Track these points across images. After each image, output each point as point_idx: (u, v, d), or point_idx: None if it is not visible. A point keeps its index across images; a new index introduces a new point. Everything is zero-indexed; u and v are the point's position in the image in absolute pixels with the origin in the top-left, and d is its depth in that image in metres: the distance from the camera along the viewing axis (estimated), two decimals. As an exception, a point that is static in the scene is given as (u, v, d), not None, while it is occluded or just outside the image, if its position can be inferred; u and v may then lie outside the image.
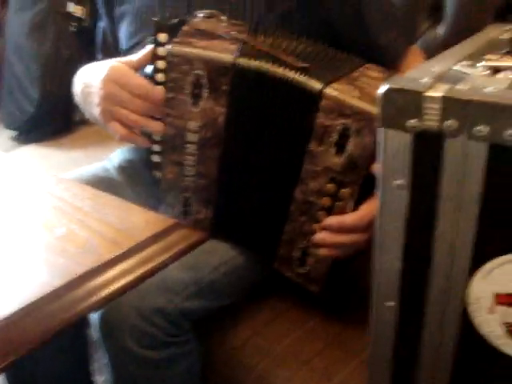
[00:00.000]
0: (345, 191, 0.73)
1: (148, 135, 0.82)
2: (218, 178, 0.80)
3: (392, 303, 0.57)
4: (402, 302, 0.56)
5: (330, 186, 0.74)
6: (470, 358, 0.55)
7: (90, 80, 0.83)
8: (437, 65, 0.56)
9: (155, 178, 1.02)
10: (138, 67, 0.79)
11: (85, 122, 1.74)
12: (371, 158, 0.69)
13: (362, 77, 0.74)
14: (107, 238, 0.61)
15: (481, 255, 0.50)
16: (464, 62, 0.55)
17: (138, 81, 0.78)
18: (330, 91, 0.70)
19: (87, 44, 1.68)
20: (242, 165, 0.79)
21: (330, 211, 0.75)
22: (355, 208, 0.74)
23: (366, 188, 0.72)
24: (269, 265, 0.83)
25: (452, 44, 0.70)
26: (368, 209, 0.72)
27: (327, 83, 0.71)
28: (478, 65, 0.53)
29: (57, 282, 0.54)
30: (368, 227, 0.71)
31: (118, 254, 0.58)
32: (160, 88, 0.76)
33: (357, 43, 0.89)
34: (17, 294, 0.53)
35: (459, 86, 0.48)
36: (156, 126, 0.79)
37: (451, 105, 0.46)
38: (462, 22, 1.03)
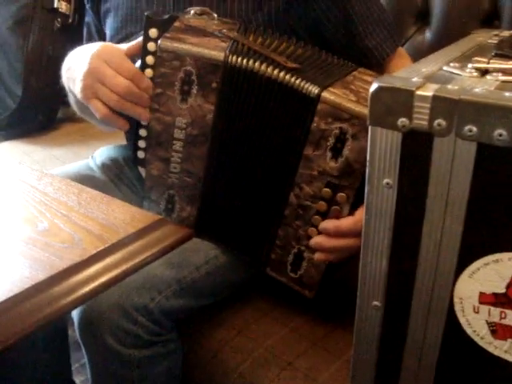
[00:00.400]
0: (341, 195, 0.73)
1: (134, 131, 0.81)
2: (204, 177, 0.79)
3: (378, 303, 0.57)
4: (388, 301, 0.56)
5: (326, 191, 0.73)
6: (455, 357, 0.55)
7: (78, 57, 0.80)
8: (426, 66, 0.56)
9: (139, 177, 1.01)
10: (128, 56, 0.78)
11: (68, 118, 1.73)
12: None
13: (356, 81, 0.74)
14: (91, 233, 0.60)
15: (467, 254, 0.50)
16: (453, 64, 0.55)
17: (128, 64, 0.76)
18: (328, 95, 0.70)
19: (71, 41, 1.66)
20: (229, 165, 0.79)
21: (325, 215, 0.75)
22: (351, 212, 0.73)
23: (361, 192, 0.72)
24: (259, 269, 0.83)
25: (439, 49, 0.71)
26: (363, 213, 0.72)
27: (324, 87, 0.70)
28: (467, 66, 0.53)
29: (39, 276, 0.53)
30: None
31: (102, 249, 0.57)
32: (148, 79, 0.75)
33: (344, 45, 0.89)
34: (-2, 287, 0.52)
35: (449, 86, 0.48)
36: (140, 112, 0.77)
37: (441, 104, 0.46)
38: (450, 27, 1.04)
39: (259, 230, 0.81)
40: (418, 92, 0.47)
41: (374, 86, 0.49)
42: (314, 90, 0.70)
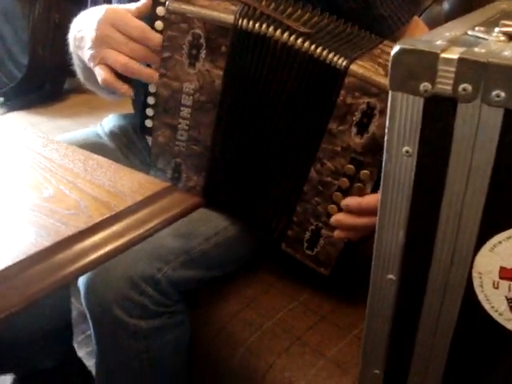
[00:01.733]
0: (365, 173, 0.70)
1: (142, 99, 0.79)
2: (211, 146, 0.77)
3: (392, 276, 0.55)
4: (403, 275, 0.54)
5: (349, 167, 0.71)
6: (471, 334, 0.53)
7: (84, 23, 0.78)
8: (449, 30, 0.54)
9: (148, 147, 0.99)
10: (136, 15, 0.75)
11: (75, 89, 1.70)
12: None
13: (383, 54, 0.71)
14: (98, 200, 0.58)
15: (489, 227, 0.48)
16: (478, 28, 0.52)
17: (136, 23, 0.74)
18: (356, 68, 0.67)
19: (78, 10, 1.64)
20: (238, 135, 0.77)
21: (346, 193, 0.72)
22: (374, 190, 0.71)
23: None
24: (274, 245, 0.81)
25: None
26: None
27: (352, 60, 0.67)
28: (494, 30, 0.51)
29: (44, 242, 0.51)
30: None
31: (108, 216, 0.55)
32: (158, 35, 0.73)
33: (357, 12, 0.86)
34: (2, 254, 0.50)
35: (476, 49, 0.45)
36: (149, 73, 0.75)
37: (467, 67, 0.44)
38: (468, -3, 1.01)
39: (275, 204, 0.78)
40: (443, 55, 0.44)
41: (395, 49, 0.46)
42: (341, 62, 0.68)
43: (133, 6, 0.76)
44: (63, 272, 0.51)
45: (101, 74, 0.75)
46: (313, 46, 0.69)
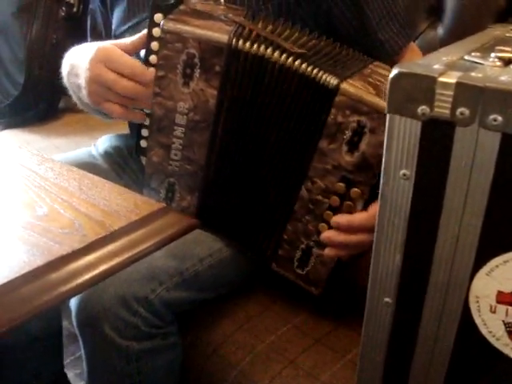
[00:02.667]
0: (355, 191, 0.70)
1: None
2: (205, 165, 0.77)
3: (389, 299, 0.54)
4: (400, 298, 0.54)
5: (340, 185, 0.71)
6: (468, 359, 0.53)
7: (77, 61, 0.80)
8: (446, 55, 0.54)
9: (142, 168, 0.99)
10: (133, 50, 0.76)
11: (70, 108, 1.70)
12: None
13: (373, 74, 0.71)
14: (93, 219, 0.58)
15: (486, 251, 0.48)
16: (474, 53, 0.53)
17: (125, 59, 0.75)
18: (347, 87, 0.67)
19: (75, 31, 1.65)
20: (232, 154, 0.76)
21: (337, 211, 0.72)
22: (364, 208, 0.71)
23: (376, 189, 0.70)
24: (264, 264, 0.80)
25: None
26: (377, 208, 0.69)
27: (343, 78, 0.68)
28: (490, 56, 0.51)
29: (37, 261, 0.51)
30: None
31: (103, 235, 0.55)
32: (151, 69, 0.74)
33: (355, 37, 0.87)
34: (-6, 272, 0.50)
35: (473, 74, 0.45)
36: (141, 117, 0.78)
37: (465, 92, 0.44)
38: (463, 23, 1.02)
39: (266, 224, 0.78)
40: (441, 79, 0.45)
41: (393, 72, 0.46)
42: (332, 81, 0.68)
43: (128, 40, 0.77)
44: (56, 292, 0.50)
45: (112, 111, 0.78)
46: (303, 65, 0.69)
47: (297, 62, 0.69)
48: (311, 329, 0.82)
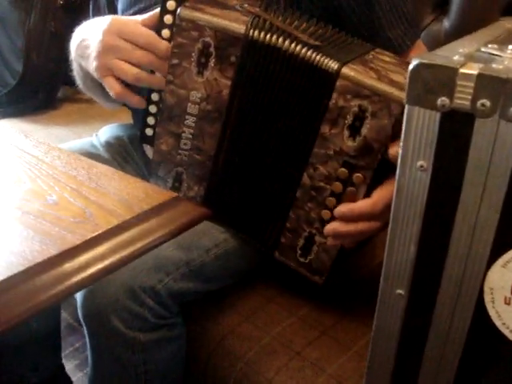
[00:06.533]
0: (357, 176, 0.70)
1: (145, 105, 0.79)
2: (215, 156, 0.77)
3: (402, 291, 0.54)
4: (413, 290, 0.54)
5: (342, 171, 0.70)
6: (480, 351, 0.53)
7: (88, 33, 0.78)
8: (462, 47, 0.54)
9: (144, 157, 0.98)
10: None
11: (68, 99, 1.69)
12: (387, 141, 0.67)
13: (375, 60, 0.71)
14: (104, 208, 0.57)
15: (502, 243, 0.48)
16: (491, 45, 0.53)
17: (142, 30, 0.73)
18: (347, 71, 0.67)
19: (74, 19, 1.63)
20: (241, 145, 0.76)
21: (339, 197, 0.72)
22: (368, 195, 0.71)
23: (379, 174, 0.69)
24: (266, 253, 0.80)
25: (456, 39, 0.68)
26: (382, 195, 0.69)
27: (343, 63, 0.68)
28: (507, 47, 0.51)
29: (50, 251, 0.50)
30: (381, 214, 0.68)
31: (116, 225, 0.54)
32: (166, 42, 0.73)
33: (364, 34, 0.86)
34: (7, 262, 0.49)
35: (494, 65, 0.45)
36: (158, 82, 0.75)
37: (486, 83, 0.44)
38: (469, 16, 1.02)
39: (269, 212, 0.78)
40: (462, 70, 0.45)
41: (413, 63, 0.46)
42: (333, 65, 0.68)
43: (139, 17, 0.76)
44: (69, 282, 0.49)
45: (112, 87, 0.75)
46: (309, 52, 0.69)
47: (304, 49, 0.69)
48: (316, 321, 0.82)
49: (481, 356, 0.54)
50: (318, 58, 0.69)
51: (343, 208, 0.71)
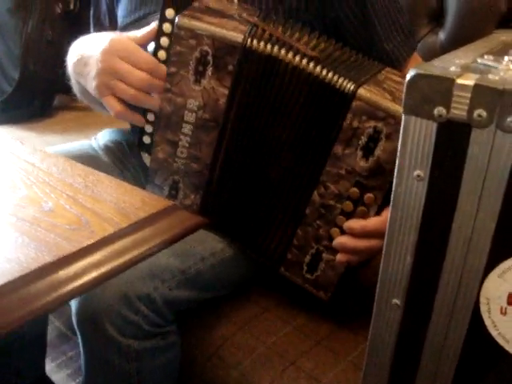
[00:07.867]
0: (369, 196, 0.70)
1: (142, 115, 0.79)
2: (211, 164, 0.77)
3: (398, 301, 0.54)
4: (409, 300, 0.54)
5: (354, 191, 0.71)
6: (477, 361, 0.53)
7: (87, 51, 0.78)
8: (458, 58, 0.54)
9: (142, 164, 0.98)
10: (142, 43, 0.75)
11: (64, 106, 1.69)
12: None
13: (387, 80, 0.71)
14: (100, 216, 0.57)
15: (498, 253, 0.48)
16: (487, 56, 0.53)
17: (142, 54, 0.74)
18: (364, 92, 0.67)
19: (71, 27, 1.64)
20: (239, 155, 0.76)
21: (349, 216, 0.72)
22: (377, 213, 0.71)
23: (389, 194, 0.69)
24: (272, 269, 0.80)
25: (452, 50, 0.69)
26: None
27: (359, 84, 0.68)
28: (503, 59, 0.51)
29: (46, 258, 0.50)
30: None
31: (112, 232, 0.54)
32: (164, 66, 0.73)
33: (361, 46, 0.87)
34: (1, 269, 0.49)
35: (490, 76, 0.46)
36: (156, 103, 0.75)
37: (483, 94, 0.44)
38: (465, 28, 1.03)
39: (274, 227, 0.78)
40: (459, 80, 0.45)
41: (411, 73, 0.46)
42: (349, 86, 0.68)
43: (138, 33, 0.76)
44: (64, 289, 0.49)
45: (112, 106, 0.76)
46: (318, 68, 0.69)
47: (311, 65, 0.69)
48: (312, 331, 0.82)
49: (476, 365, 0.53)
50: (329, 75, 0.69)
51: (354, 224, 0.71)
